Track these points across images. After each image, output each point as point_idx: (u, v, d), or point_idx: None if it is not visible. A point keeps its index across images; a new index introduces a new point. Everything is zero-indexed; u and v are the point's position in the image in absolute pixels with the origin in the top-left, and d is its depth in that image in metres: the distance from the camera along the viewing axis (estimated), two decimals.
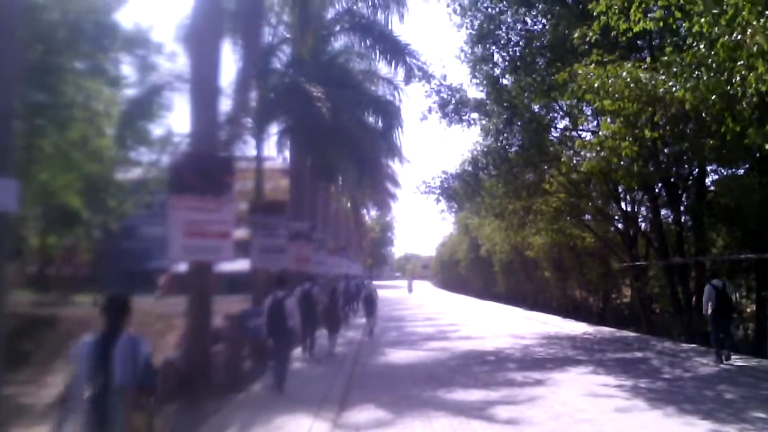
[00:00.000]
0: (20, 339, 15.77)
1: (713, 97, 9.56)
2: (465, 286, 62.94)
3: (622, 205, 22.51)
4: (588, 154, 13.66)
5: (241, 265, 19.73)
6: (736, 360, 13.65)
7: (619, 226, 22.96)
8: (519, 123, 19.04)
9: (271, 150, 24.55)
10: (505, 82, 20.08)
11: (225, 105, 18.34)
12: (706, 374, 12.46)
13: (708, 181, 19.08)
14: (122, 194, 43.39)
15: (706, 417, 8.61)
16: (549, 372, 12.98)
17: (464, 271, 58.64)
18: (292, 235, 21.80)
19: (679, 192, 18.81)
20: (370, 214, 70.84)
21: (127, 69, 21.26)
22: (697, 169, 18.44)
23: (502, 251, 37.42)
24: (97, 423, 4.32)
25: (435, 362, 14.92)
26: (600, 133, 14.13)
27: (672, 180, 17.96)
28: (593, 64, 12.44)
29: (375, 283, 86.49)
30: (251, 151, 19.85)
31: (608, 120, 13.44)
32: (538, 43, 17.80)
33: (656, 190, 19.42)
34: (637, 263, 21.26)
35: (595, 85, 11.85)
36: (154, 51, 19.99)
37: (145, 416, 4.42)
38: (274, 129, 21.26)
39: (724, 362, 13.27)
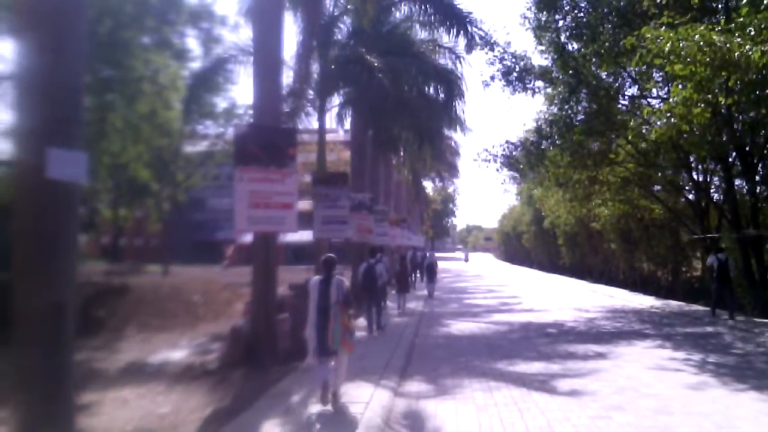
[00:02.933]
0: (94, 306, 16.52)
1: None
2: (528, 258, 62.30)
3: (694, 175, 21.68)
4: (657, 122, 13.10)
5: (307, 236, 20.33)
6: None
7: (690, 197, 22.14)
8: (585, 91, 18.47)
9: (333, 122, 24.74)
10: (571, 48, 19.52)
11: (288, 77, 18.65)
12: None
13: None
14: (190, 167, 44.63)
15: None
16: (614, 345, 12.74)
17: (527, 244, 57.94)
18: (353, 206, 22.07)
19: (755, 161, 17.92)
20: (433, 186, 70.72)
21: (193, 42, 21.67)
22: None
23: (566, 223, 36.71)
24: (323, 321, 7.69)
25: (495, 334, 14.87)
26: (670, 99, 13.54)
27: (747, 149, 17.10)
28: (663, 27, 11.89)
29: (436, 254, 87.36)
30: (313, 123, 20.04)
31: (679, 86, 12.86)
32: (605, 8, 17.13)
33: (730, 160, 18.57)
34: (709, 235, 20.50)
35: (666, 49, 11.33)
36: (219, 24, 20.26)
37: (347, 317, 7.87)
38: (336, 101, 21.44)
39: None
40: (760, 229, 18.17)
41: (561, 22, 18.98)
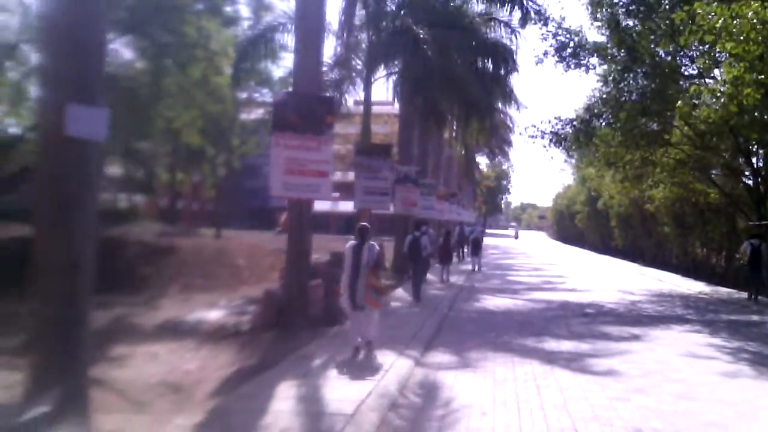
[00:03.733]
0: (141, 264, 17.06)
1: None
2: (581, 238, 61.19)
3: (753, 159, 20.76)
4: (707, 103, 12.52)
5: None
6: None
7: (749, 182, 21.23)
8: (640, 69, 17.82)
9: (390, 94, 24.61)
10: (628, 24, 18.85)
11: (336, 47, 18.66)
12: None
13: None
14: (245, 134, 45.29)
15: None
16: (650, 329, 12.45)
17: (580, 224, 56.84)
18: (399, 178, 22.05)
19: None
20: (487, 162, 69.89)
21: (244, 10, 21.78)
22: None
23: (620, 204, 35.85)
24: (354, 280, 8.83)
25: (531, 311, 14.73)
26: (719, 78, 12.94)
27: None
28: (716, 3, 11.31)
29: (489, 231, 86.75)
30: (361, 94, 20.04)
31: (732, 64, 12.23)
32: None
33: None
34: (766, 222, 19.66)
35: (717, 25, 10.78)
36: None
37: (379, 278, 8.94)
38: (384, 72, 21.28)
39: None
40: None
41: None
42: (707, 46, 15.00)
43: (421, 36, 17.16)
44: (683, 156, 21.09)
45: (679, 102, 14.59)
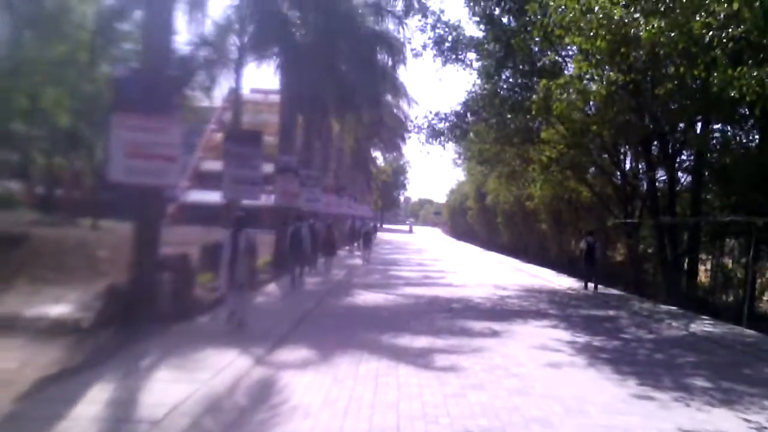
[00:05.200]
0: None
1: (672, 34, 8.70)
2: (473, 234, 62.48)
3: (625, 160, 21.63)
4: (558, 98, 12.74)
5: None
6: (707, 325, 13.18)
7: (616, 181, 22.11)
8: (512, 65, 18.05)
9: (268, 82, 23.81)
10: (505, 21, 19.06)
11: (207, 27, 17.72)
12: (668, 337, 12.02)
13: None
14: None
15: (642, 380, 8.17)
16: (509, 324, 12.54)
17: (471, 220, 58.03)
18: (279, 168, 21.38)
19: (672, 149, 17.87)
20: (383, 156, 70.09)
21: None
22: (701, 125, 17.48)
23: (505, 201, 36.69)
24: (233, 263, 10.10)
25: (399, 307, 14.57)
26: (565, 72, 13.21)
27: (665, 135, 16.95)
28: None
29: (386, 226, 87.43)
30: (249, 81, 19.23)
31: (584, 59, 12.50)
32: None
33: (652, 146, 18.51)
34: (629, 221, 20.54)
35: (566, 19, 10.92)
36: None
37: (252, 263, 10.50)
38: (266, 59, 20.46)
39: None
40: (676, 217, 18.22)
41: None
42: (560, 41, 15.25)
43: (296, 20, 16.61)
44: (556, 154, 21.65)
45: (534, 97, 14.81)
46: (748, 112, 14.06)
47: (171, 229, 42.83)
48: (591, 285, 20.14)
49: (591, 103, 13.50)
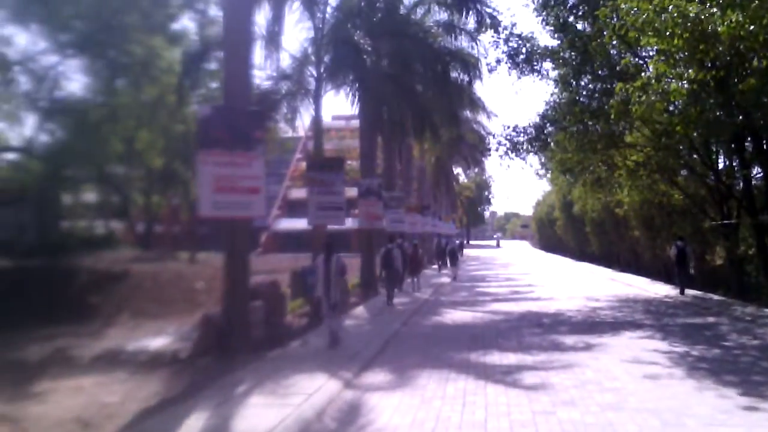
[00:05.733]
0: (89, 293, 16.60)
1: (752, 27, 8.27)
2: (561, 246, 61.02)
3: (717, 159, 20.62)
4: (637, 100, 12.30)
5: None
6: None
7: (709, 182, 21.08)
8: (590, 70, 17.66)
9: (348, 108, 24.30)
10: (579, 26, 18.73)
11: (284, 60, 18.35)
12: None
13: None
14: None
15: (746, 390, 7.72)
16: (602, 336, 12.17)
17: (560, 231, 56.70)
18: (361, 192, 21.73)
19: (766, 143, 16.88)
20: (466, 172, 69.73)
21: (189, 23, 21.50)
22: None
23: (593, 210, 35.70)
24: (327, 285, 11.01)
25: (487, 324, 14.42)
26: (644, 74, 12.75)
27: (758, 131, 16.05)
28: None
29: (473, 242, 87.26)
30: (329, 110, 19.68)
31: (661, 60, 12.04)
32: None
33: (745, 143, 17.58)
34: (726, 222, 19.52)
35: (640, 20, 10.59)
36: (215, 5, 19.99)
37: (344, 284, 12.75)
38: (342, 86, 20.92)
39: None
40: None
41: None
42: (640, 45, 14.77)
43: (368, 47, 16.95)
44: (643, 158, 20.92)
45: (612, 101, 14.40)
46: None
47: (263, 257, 44.36)
48: (685, 290, 19.91)
49: (674, 103, 13.02)
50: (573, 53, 18.55)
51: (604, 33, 16.25)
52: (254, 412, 7.08)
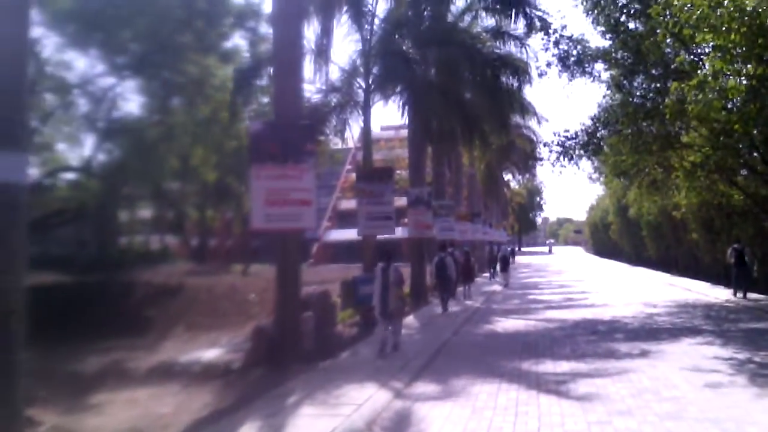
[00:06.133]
0: (145, 306, 17.04)
1: None
2: (616, 251, 59.68)
3: None
4: (694, 98, 11.93)
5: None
6: None
7: None
8: (643, 70, 17.26)
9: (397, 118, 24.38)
10: (631, 26, 18.35)
11: (333, 73, 18.55)
12: None
13: None
14: None
15: None
16: (660, 343, 11.82)
17: (614, 236, 55.49)
18: (411, 201, 21.76)
19: None
20: (517, 178, 68.99)
21: (240, 40, 21.98)
22: None
23: (649, 213, 34.85)
24: (385, 294, 11.16)
25: (540, 332, 14.18)
26: (699, 72, 12.36)
27: None
28: None
29: (525, 249, 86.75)
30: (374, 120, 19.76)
31: (718, 56, 11.65)
32: None
33: None
34: None
35: (695, 17, 10.30)
36: (266, 22, 20.41)
37: (401, 293, 11.82)
38: (391, 97, 20.98)
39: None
40: None
41: None
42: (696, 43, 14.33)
43: (416, 57, 16.98)
44: (701, 158, 20.31)
45: (667, 101, 14.00)
46: None
47: (314, 268, 44.75)
48: (747, 294, 19.60)
49: (732, 100, 12.59)
50: (625, 53, 18.17)
51: (657, 31, 15.81)
52: (305, 423, 7.13)
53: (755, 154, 18.92)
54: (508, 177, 62.99)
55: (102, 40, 19.38)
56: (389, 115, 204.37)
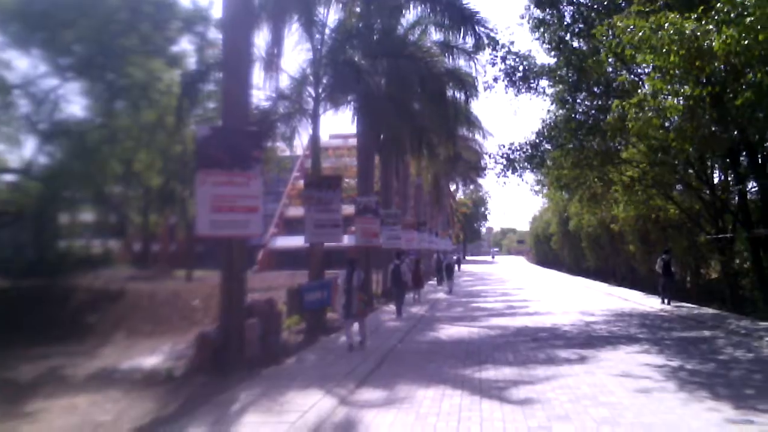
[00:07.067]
0: (85, 312, 16.61)
1: (746, 42, 8.43)
2: (557, 261, 61.13)
3: (712, 173, 20.85)
4: (634, 116, 12.48)
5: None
6: None
7: (705, 196, 21.27)
8: (585, 87, 17.87)
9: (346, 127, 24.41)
10: (575, 45, 18.97)
11: (282, 82, 18.50)
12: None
13: None
14: None
15: (739, 403, 7.77)
16: (597, 350, 12.22)
17: (555, 246, 56.85)
18: (358, 210, 21.86)
19: (762, 158, 17.06)
20: (462, 189, 70.01)
21: (187, 45, 21.73)
22: None
23: (589, 225, 35.87)
24: (348, 300, 12.23)
25: (483, 339, 14.45)
26: (639, 92, 12.94)
27: (753, 145, 16.24)
28: (635, 16, 11.33)
29: (469, 258, 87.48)
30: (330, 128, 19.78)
31: (656, 77, 12.22)
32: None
33: (740, 157, 17.78)
34: (721, 236, 19.65)
35: (637, 38, 10.78)
36: (214, 27, 20.22)
37: (364, 298, 12.98)
38: (341, 106, 21.01)
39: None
40: None
41: (561, 17, 18.43)
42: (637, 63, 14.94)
43: (366, 68, 17.10)
44: (638, 173, 21.11)
45: (608, 118, 14.58)
46: None
47: (259, 275, 44.25)
48: (667, 301, 21.02)
49: (670, 119, 13.21)
50: (569, 71, 18.77)
51: (601, 51, 16.43)
52: (249, 430, 7.12)
53: (690, 170, 19.78)
54: (454, 187, 63.92)
55: (45, 40, 18.89)
56: (339, 124, 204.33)
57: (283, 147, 25.72)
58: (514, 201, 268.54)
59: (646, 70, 16.95)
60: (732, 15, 9.06)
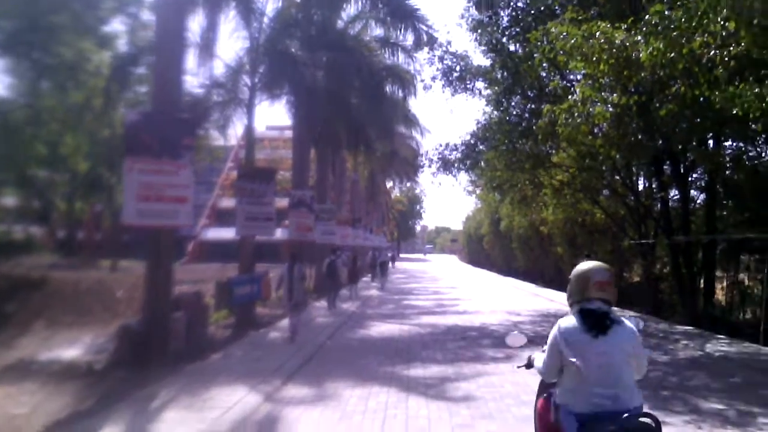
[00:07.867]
0: (3, 300, 15.86)
1: (671, 55, 8.79)
2: (489, 261, 62.27)
3: (637, 180, 21.64)
4: (564, 121, 12.84)
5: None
6: (723, 344, 13.03)
7: (629, 202, 22.07)
8: (520, 91, 18.23)
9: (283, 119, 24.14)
10: (512, 48, 19.28)
11: (217, 69, 18.09)
12: (683, 358, 11.87)
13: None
14: None
15: (653, 404, 7.98)
16: (522, 350, 12.37)
17: (487, 246, 57.91)
18: (292, 203, 21.61)
19: (685, 167, 17.85)
20: (398, 186, 70.39)
21: (119, 27, 21.01)
22: (712, 142, 17.46)
23: (519, 227, 36.67)
24: (291, 289, 13.24)
25: (412, 337, 14.53)
26: (570, 98, 13.34)
27: (676, 154, 16.95)
28: (568, 23, 11.64)
29: (404, 255, 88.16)
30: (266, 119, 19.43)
31: (588, 83, 12.60)
32: (535, 6, 16.84)
33: (664, 165, 18.53)
34: (643, 241, 20.42)
35: (568, 45, 11.07)
36: (148, 9, 19.62)
37: (304, 287, 15.17)
38: (277, 97, 20.69)
39: None
40: (691, 235, 18.10)
41: (499, 20, 18.73)
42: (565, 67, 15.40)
43: (305, 60, 16.90)
44: (568, 178, 21.68)
45: (539, 122, 14.96)
46: (761, 128, 14.06)
47: (188, 266, 43.25)
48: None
49: (598, 125, 13.62)
50: (504, 73, 19.06)
51: (535, 55, 16.75)
52: (168, 427, 6.92)
53: (617, 177, 20.46)
54: (390, 184, 64.22)
55: None
56: (275, 115, 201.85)
57: (216, 136, 25.22)
58: (449, 200, 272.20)
59: (578, 77, 17.47)
60: (659, 28, 9.38)
